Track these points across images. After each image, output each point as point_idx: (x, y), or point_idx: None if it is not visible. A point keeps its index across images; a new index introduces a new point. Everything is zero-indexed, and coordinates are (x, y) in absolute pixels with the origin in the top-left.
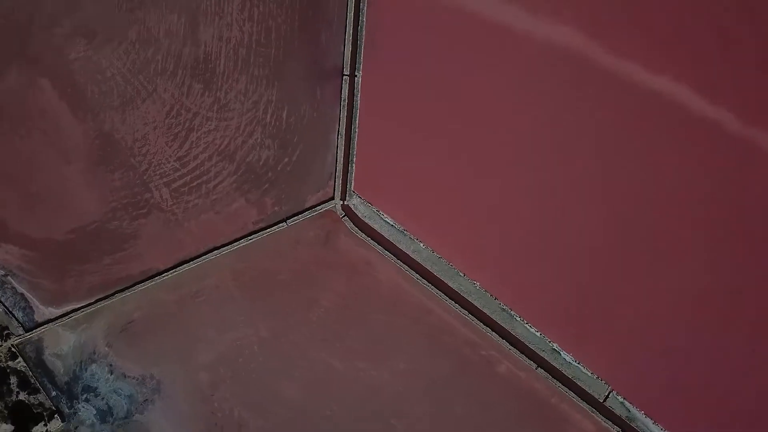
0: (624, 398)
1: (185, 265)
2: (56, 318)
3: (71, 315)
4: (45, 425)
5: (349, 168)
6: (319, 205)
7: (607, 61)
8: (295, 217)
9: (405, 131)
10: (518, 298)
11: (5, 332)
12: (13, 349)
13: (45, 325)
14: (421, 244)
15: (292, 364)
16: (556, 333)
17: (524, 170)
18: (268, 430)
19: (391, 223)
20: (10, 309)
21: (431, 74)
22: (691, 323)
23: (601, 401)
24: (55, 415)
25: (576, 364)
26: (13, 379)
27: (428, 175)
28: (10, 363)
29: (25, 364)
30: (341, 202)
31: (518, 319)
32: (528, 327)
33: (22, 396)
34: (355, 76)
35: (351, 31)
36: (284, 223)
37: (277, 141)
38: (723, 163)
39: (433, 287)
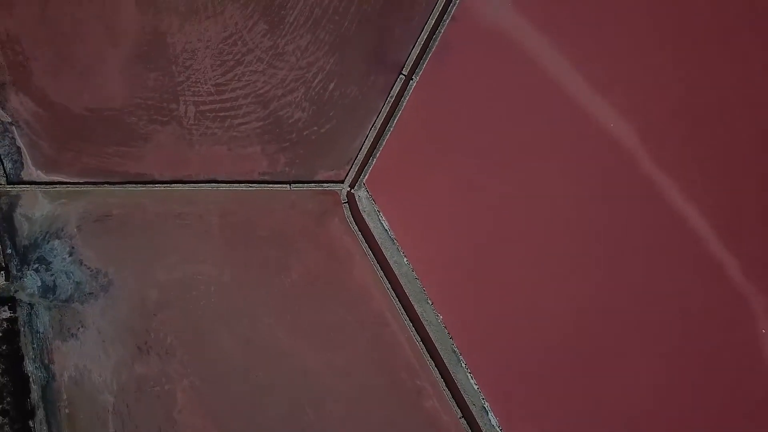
0: None
1: (180, 184)
2: (41, 183)
3: (56, 186)
4: None
5: (370, 161)
6: (327, 182)
7: (649, 167)
8: (300, 184)
9: (435, 151)
10: (472, 348)
11: None
12: None
13: (28, 185)
14: (405, 259)
15: (239, 318)
16: (493, 394)
17: (531, 241)
18: (192, 368)
19: (386, 227)
20: (3, 156)
21: (482, 112)
22: None
23: None
24: (2, 272)
25: (498, 430)
26: None
27: (440, 200)
28: None
29: None
30: (348, 189)
31: (464, 365)
32: (469, 377)
33: None
34: (412, 79)
35: (425, 37)
36: (288, 185)
37: (314, 107)
38: (711, 303)
39: (398, 303)
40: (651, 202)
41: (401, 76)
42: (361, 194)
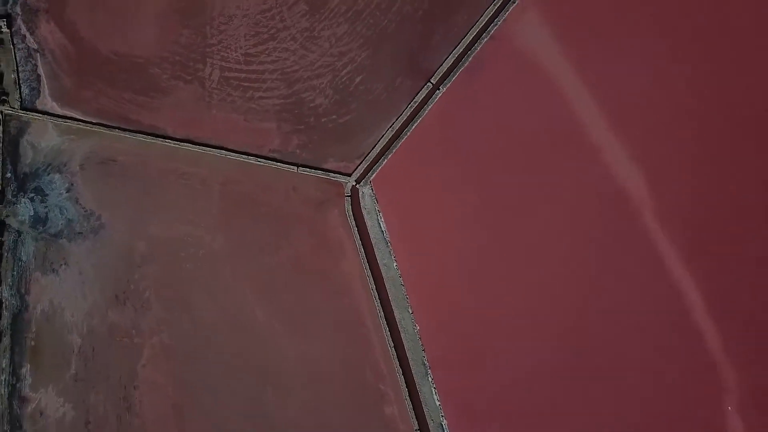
0: None
1: (190, 144)
2: (54, 115)
3: (68, 121)
4: None
5: (381, 160)
6: (334, 172)
7: (650, 220)
8: (308, 169)
9: (446, 164)
10: (442, 365)
11: (3, 97)
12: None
13: (40, 115)
14: (395, 263)
15: (221, 288)
16: (453, 414)
17: (525, 273)
18: (164, 326)
19: (383, 228)
20: (21, 81)
21: (502, 136)
22: None
23: None
24: None
25: None
26: None
27: (442, 214)
28: None
29: (1, 136)
30: (354, 183)
31: (430, 380)
32: (434, 392)
33: None
34: (438, 89)
35: (461, 51)
36: (295, 167)
37: (337, 96)
38: (683, 371)
39: (379, 305)
40: (647, 261)
41: (429, 84)
42: (365, 191)
